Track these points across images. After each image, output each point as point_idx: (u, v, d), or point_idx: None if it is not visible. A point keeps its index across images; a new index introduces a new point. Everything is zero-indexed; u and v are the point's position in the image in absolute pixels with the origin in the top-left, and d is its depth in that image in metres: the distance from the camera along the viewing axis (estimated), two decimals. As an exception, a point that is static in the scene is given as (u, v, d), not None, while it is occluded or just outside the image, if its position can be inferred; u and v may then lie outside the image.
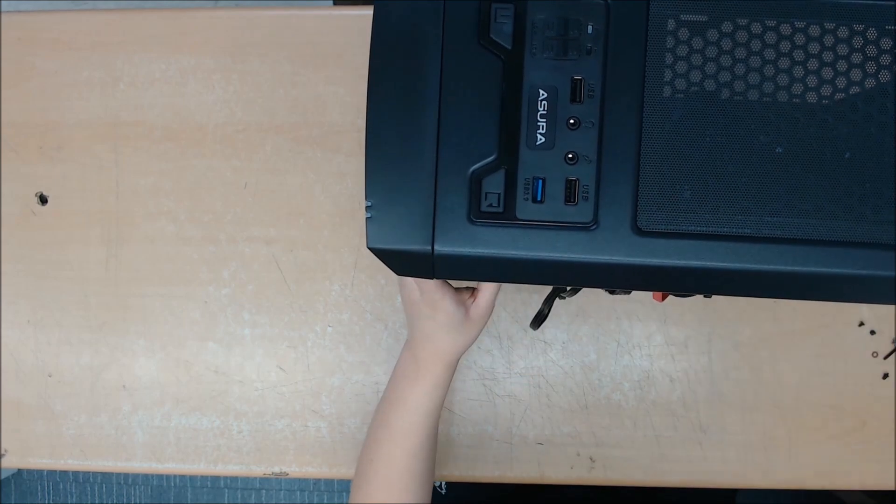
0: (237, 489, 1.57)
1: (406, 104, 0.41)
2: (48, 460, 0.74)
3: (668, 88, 0.40)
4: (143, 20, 0.70)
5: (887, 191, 0.40)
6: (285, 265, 0.71)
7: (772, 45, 0.39)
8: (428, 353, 0.58)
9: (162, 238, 0.71)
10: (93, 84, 0.70)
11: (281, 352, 0.72)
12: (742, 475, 0.71)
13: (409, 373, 0.59)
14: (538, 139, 0.41)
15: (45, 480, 1.59)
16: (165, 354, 0.72)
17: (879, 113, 0.39)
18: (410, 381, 0.59)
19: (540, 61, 0.41)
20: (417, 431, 0.59)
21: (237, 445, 0.73)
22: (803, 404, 0.70)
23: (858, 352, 0.70)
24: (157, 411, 0.73)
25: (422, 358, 0.58)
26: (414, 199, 0.41)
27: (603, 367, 0.71)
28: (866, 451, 0.70)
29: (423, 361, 0.58)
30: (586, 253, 0.41)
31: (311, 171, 0.70)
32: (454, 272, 0.43)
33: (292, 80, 0.69)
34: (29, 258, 0.72)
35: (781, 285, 0.41)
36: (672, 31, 0.40)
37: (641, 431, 0.71)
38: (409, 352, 0.59)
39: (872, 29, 0.39)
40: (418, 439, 0.59)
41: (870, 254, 0.40)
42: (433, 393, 0.58)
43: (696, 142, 0.40)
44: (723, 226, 0.40)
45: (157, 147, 0.71)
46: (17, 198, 0.72)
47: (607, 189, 0.41)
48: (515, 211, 0.41)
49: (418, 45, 0.41)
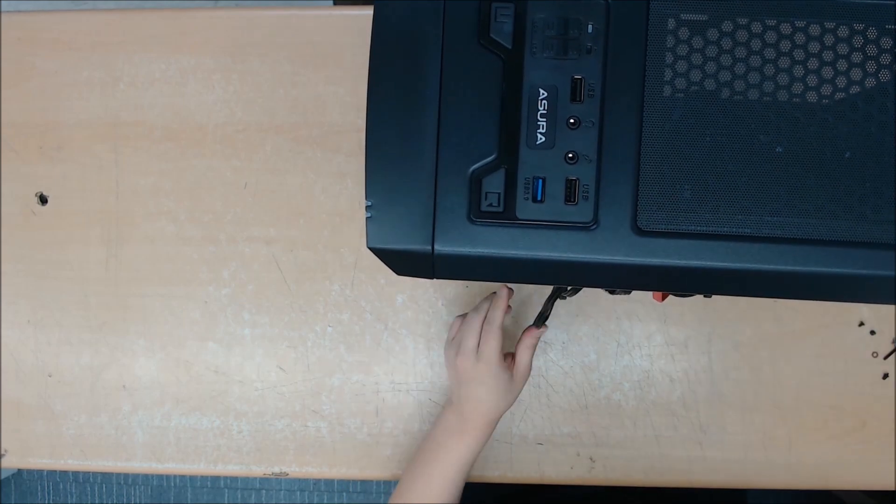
0: (237, 489, 1.57)
1: (406, 104, 0.41)
2: (48, 460, 0.74)
3: (669, 88, 0.40)
4: (143, 20, 0.70)
5: (887, 190, 0.40)
6: (285, 265, 0.71)
7: (772, 45, 0.39)
8: (476, 413, 0.61)
9: (162, 238, 0.71)
10: (93, 84, 0.70)
11: (281, 352, 0.72)
12: (742, 475, 0.71)
13: (454, 428, 0.62)
14: (538, 139, 0.41)
15: (45, 480, 1.59)
16: (165, 354, 0.72)
17: (879, 112, 0.39)
18: (455, 436, 0.62)
19: (540, 61, 0.40)
20: (454, 479, 0.62)
21: (237, 445, 0.72)
22: (803, 404, 0.70)
23: (858, 352, 0.70)
24: (157, 411, 0.73)
25: (468, 417, 0.61)
26: (414, 198, 0.41)
27: (603, 367, 0.71)
28: (866, 451, 0.70)
29: (469, 419, 0.61)
30: (586, 253, 0.41)
31: (311, 171, 0.70)
32: (454, 272, 0.43)
33: (292, 80, 0.69)
34: (29, 258, 0.72)
35: (781, 285, 0.41)
36: (672, 30, 0.40)
37: (641, 431, 0.71)
38: (453, 410, 0.63)
39: (872, 28, 0.39)
40: (454, 487, 0.62)
41: (870, 253, 0.40)
42: (474, 447, 0.62)
43: (696, 141, 0.40)
44: (723, 225, 0.40)
45: (157, 147, 0.71)
46: (17, 198, 0.72)
47: (607, 189, 0.41)
48: (515, 211, 0.41)
49: (418, 45, 0.41)
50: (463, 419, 0.62)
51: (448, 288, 0.71)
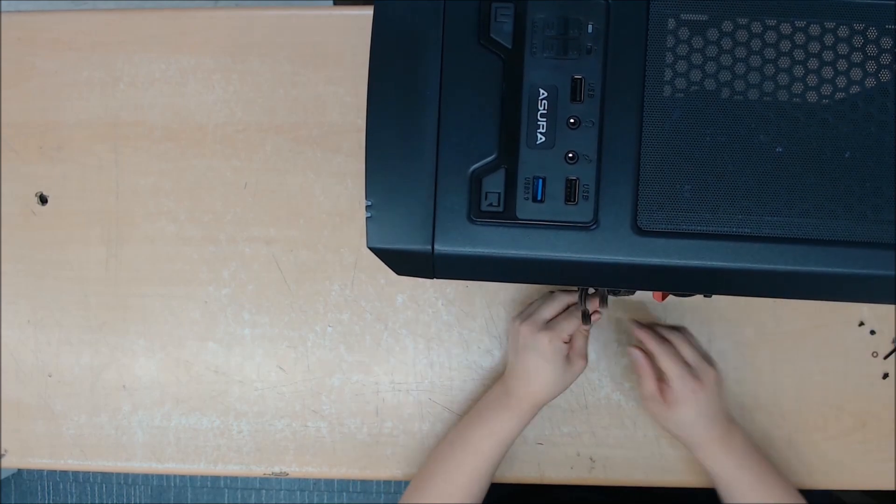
0: (237, 489, 1.57)
1: (406, 104, 0.41)
2: (48, 460, 0.74)
3: (669, 88, 0.40)
4: (143, 20, 0.70)
5: (887, 190, 0.40)
6: (285, 265, 0.71)
7: (772, 45, 0.39)
8: (522, 390, 0.61)
9: (162, 238, 0.71)
10: (93, 84, 0.70)
11: (281, 352, 0.72)
12: (742, 475, 0.71)
13: (499, 401, 0.63)
14: (538, 138, 0.41)
15: (45, 480, 1.59)
16: (165, 354, 0.72)
17: (880, 112, 0.39)
18: (498, 409, 0.62)
19: (540, 61, 0.40)
20: (490, 455, 0.62)
21: (237, 445, 0.72)
22: (803, 404, 0.70)
23: (858, 352, 0.70)
24: (157, 411, 0.73)
25: (514, 392, 0.62)
26: (414, 198, 0.41)
27: (603, 367, 0.71)
28: (866, 451, 0.70)
29: (514, 395, 0.62)
30: (586, 253, 0.41)
31: (311, 171, 0.70)
32: (454, 272, 0.43)
33: (292, 80, 0.69)
34: (29, 258, 0.72)
35: (781, 285, 0.41)
36: (672, 30, 0.40)
37: (641, 431, 0.71)
38: (502, 385, 0.64)
39: (873, 28, 0.39)
40: (488, 463, 0.62)
41: (870, 253, 0.40)
42: (513, 425, 0.62)
43: (696, 141, 0.40)
44: (723, 225, 0.40)
45: (157, 147, 0.71)
46: (17, 198, 0.72)
47: (607, 188, 0.41)
48: (516, 210, 0.41)
49: (418, 45, 0.41)
50: (508, 394, 0.61)
51: (448, 288, 0.71)
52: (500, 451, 0.62)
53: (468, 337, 0.71)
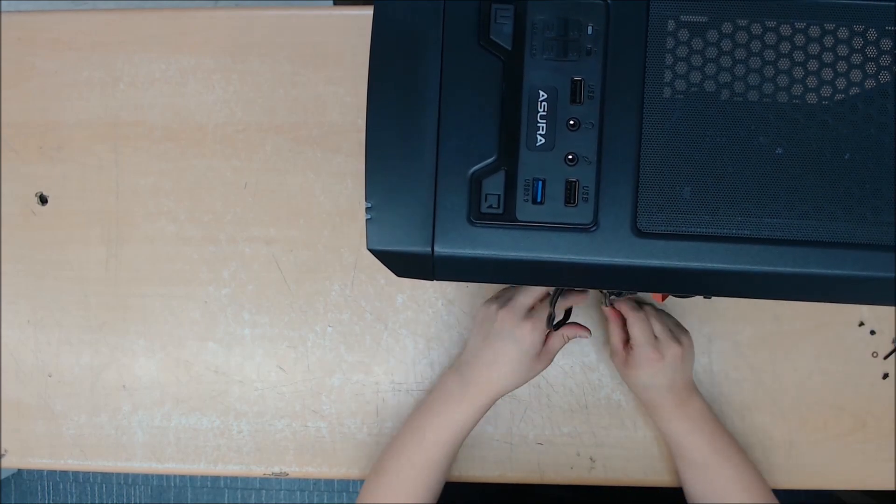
0: (237, 489, 1.57)
1: (406, 104, 0.41)
2: (48, 460, 0.74)
3: (668, 89, 0.40)
4: (143, 20, 0.70)
5: (887, 192, 0.40)
6: (285, 265, 0.71)
7: (772, 46, 0.39)
8: (485, 379, 0.59)
9: (162, 238, 0.71)
10: (93, 84, 0.70)
11: (281, 352, 0.72)
12: (742, 475, 0.71)
13: (456, 392, 0.61)
14: (538, 140, 0.41)
15: (45, 480, 1.60)
16: (165, 354, 0.72)
17: (879, 114, 0.39)
18: (454, 401, 0.61)
19: (540, 62, 0.40)
20: (444, 449, 0.61)
21: (237, 445, 0.73)
22: (803, 404, 0.70)
23: (858, 352, 0.70)
24: (157, 411, 0.73)
25: (475, 381, 0.60)
26: (414, 200, 0.41)
27: (603, 367, 0.71)
28: (866, 451, 0.70)
29: (474, 384, 0.60)
30: (586, 254, 0.41)
31: (311, 171, 0.70)
32: (454, 274, 0.43)
33: (292, 80, 0.69)
34: (29, 258, 0.72)
35: (781, 287, 0.41)
36: (672, 31, 0.40)
37: (641, 431, 0.71)
38: (457, 375, 0.61)
39: (872, 30, 0.39)
40: (443, 457, 0.61)
41: (869, 255, 0.40)
42: (470, 416, 0.60)
43: (695, 143, 0.40)
44: (723, 227, 0.40)
45: (157, 147, 0.71)
46: (17, 198, 0.72)
47: (607, 190, 0.41)
48: (515, 212, 0.41)
49: (418, 45, 0.41)
50: (466, 384, 0.60)
51: (448, 288, 0.71)
52: (456, 443, 0.61)
53: (468, 337, 0.71)
